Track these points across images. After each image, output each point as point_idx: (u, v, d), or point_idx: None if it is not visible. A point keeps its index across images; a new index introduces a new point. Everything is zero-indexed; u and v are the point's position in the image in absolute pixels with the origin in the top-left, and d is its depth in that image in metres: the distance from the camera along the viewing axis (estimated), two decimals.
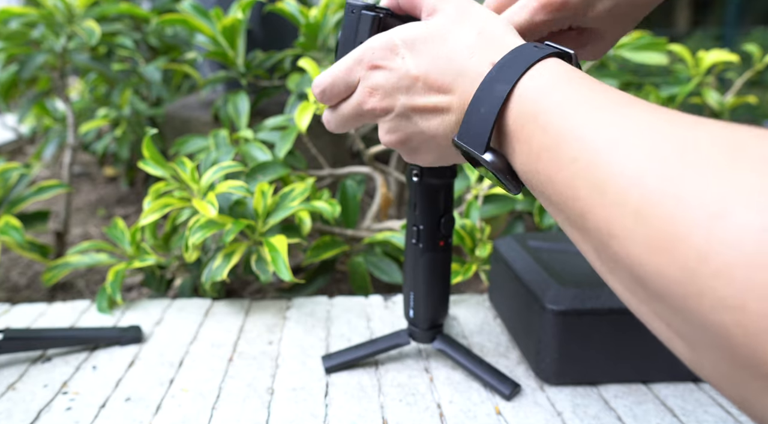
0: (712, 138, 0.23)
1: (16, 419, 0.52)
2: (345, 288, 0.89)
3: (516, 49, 0.33)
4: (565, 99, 0.30)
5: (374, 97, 0.37)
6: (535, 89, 0.31)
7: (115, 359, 0.62)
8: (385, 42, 0.36)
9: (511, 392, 0.54)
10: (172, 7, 1.30)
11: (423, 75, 0.35)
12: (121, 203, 1.33)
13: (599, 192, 0.25)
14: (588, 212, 0.26)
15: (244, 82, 1.01)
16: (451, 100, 0.35)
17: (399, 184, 0.98)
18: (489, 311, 0.72)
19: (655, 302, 0.24)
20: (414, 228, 0.52)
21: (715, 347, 0.21)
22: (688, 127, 0.24)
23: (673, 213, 0.22)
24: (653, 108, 0.27)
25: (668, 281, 0.22)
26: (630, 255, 0.24)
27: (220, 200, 0.73)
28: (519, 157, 0.32)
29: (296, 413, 0.53)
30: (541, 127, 0.30)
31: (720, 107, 1.10)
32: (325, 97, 0.40)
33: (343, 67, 0.39)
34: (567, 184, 0.28)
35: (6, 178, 0.83)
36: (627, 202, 0.24)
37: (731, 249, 0.19)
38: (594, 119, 0.27)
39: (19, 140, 1.78)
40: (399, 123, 0.38)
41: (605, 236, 0.25)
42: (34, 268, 1.02)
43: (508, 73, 0.32)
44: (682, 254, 0.21)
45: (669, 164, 0.23)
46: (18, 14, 0.98)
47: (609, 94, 0.29)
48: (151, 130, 0.74)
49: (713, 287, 0.20)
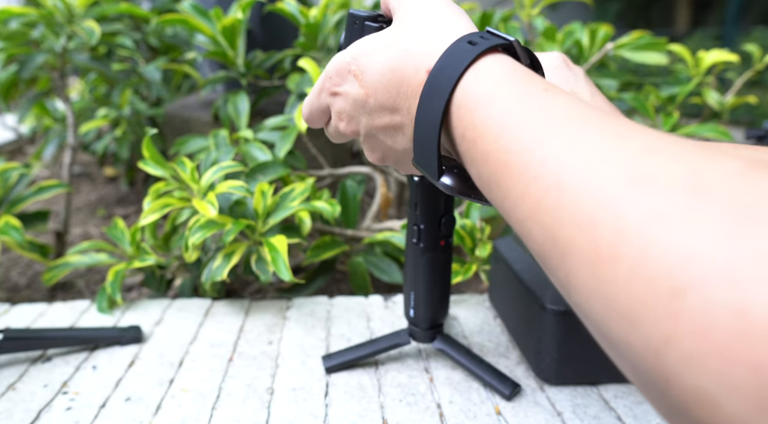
0: (673, 175, 0.19)
1: (16, 419, 0.52)
2: (345, 288, 0.89)
3: (448, 50, 0.29)
4: (504, 117, 0.26)
5: (343, 122, 0.37)
6: (470, 107, 0.28)
7: (115, 359, 0.62)
8: (338, 65, 0.35)
9: (511, 392, 0.54)
10: (172, 7, 1.30)
11: (371, 94, 0.33)
12: (121, 203, 1.33)
13: (552, 240, 0.22)
14: (546, 257, 0.23)
15: (244, 82, 1.01)
16: (402, 118, 0.33)
17: (399, 184, 0.98)
18: (489, 311, 0.72)
19: (624, 365, 0.21)
20: (415, 228, 0.52)
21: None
22: (645, 157, 0.20)
23: (631, 276, 0.18)
24: (605, 126, 0.23)
25: (633, 353, 0.19)
26: (591, 313, 0.21)
27: (220, 200, 0.73)
28: (474, 181, 0.29)
29: (296, 413, 0.53)
30: (483, 155, 0.27)
31: (720, 107, 1.10)
32: (313, 123, 0.40)
33: (313, 95, 0.38)
34: (520, 223, 0.25)
35: (6, 178, 0.83)
36: (581, 257, 0.21)
37: (700, 334, 0.16)
38: (537, 146, 0.24)
39: (19, 140, 1.78)
40: (371, 142, 0.37)
41: (566, 288, 0.22)
42: (34, 268, 1.02)
43: (442, 83, 0.29)
44: (645, 329, 0.18)
45: (623, 213, 0.19)
46: (18, 14, 0.98)
47: (554, 106, 0.25)
48: (151, 130, 0.74)
49: (681, 375, 0.17)
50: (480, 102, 0.27)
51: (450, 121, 0.29)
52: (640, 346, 0.18)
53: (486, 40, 0.29)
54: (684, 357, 0.16)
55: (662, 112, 1.04)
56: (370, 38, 0.34)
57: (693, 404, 0.17)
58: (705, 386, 0.16)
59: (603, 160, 0.21)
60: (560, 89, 0.26)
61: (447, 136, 0.30)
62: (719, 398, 0.16)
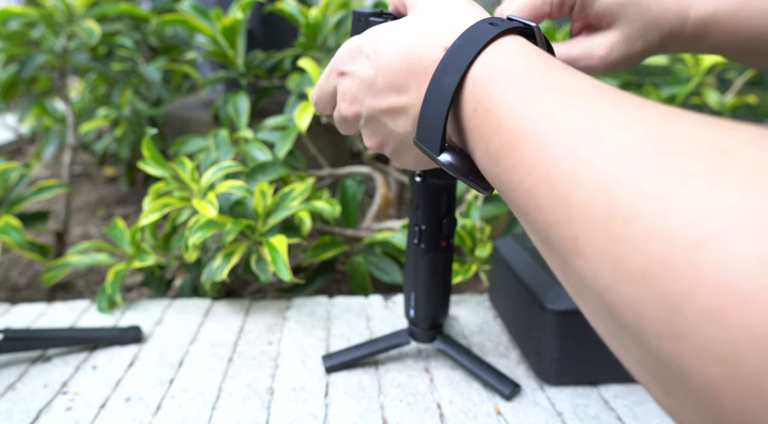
0: (694, 138, 0.19)
1: (16, 419, 0.52)
2: (345, 288, 0.89)
3: (469, 29, 0.30)
4: (522, 89, 0.26)
5: (345, 102, 0.36)
6: (487, 79, 0.28)
7: (115, 359, 0.62)
8: (352, 46, 0.35)
9: (511, 392, 0.54)
10: (172, 7, 1.30)
11: (380, 74, 0.33)
12: (121, 203, 1.33)
13: (563, 204, 0.22)
14: (551, 227, 0.23)
15: (244, 82, 1.01)
16: (409, 99, 0.33)
17: (399, 184, 0.98)
18: (489, 311, 0.72)
19: (628, 337, 0.20)
20: (416, 228, 0.52)
21: (698, 404, 0.17)
22: (665, 123, 0.20)
23: (648, 234, 0.18)
24: (622, 98, 0.23)
25: (642, 315, 0.18)
26: (598, 279, 0.20)
27: (220, 200, 0.73)
28: (478, 158, 0.29)
29: (296, 413, 0.53)
30: (496, 125, 0.27)
31: (720, 107, 1.10)
32: (320, 108, 0.41)
33: (323, 77, 0.38)
34: (527, 193, 0.24)
35: (6, 178, 0.83)
36: (593, 219, 0.20)
37: (722, 284, 0.16)
38: (554, 115, 0.24)
39: (19, 140, 1.78)
40: (371, 126, 0.36)
41: (570, 255, 0.22)
42: (34, 268, 1.02)
43: (458, 59, 0.29)
44: (660, 285, 0.17)
45: (642, 173, 0.19)
46: (18, 14, 0.98)
47: (572, 81, 0.25)
48: (151, 130, 0.74)
49: (697, 330, 0.16)
50: (498, 75, 0.27)
51: (461, 96, 0.29)
52: (652, 305, 0.18)
53: (506, 23, 0.30)
54: (703, 310, 0.16)
55: None
56: (388, 24, 0.34)
57: (709, 361, 0.16)
58: (724, 338, 0.16)
59: (622, 126, 0.21)
60: (577, 70, 0.27)
61: (454, 114, 0.31)
62: (739, 349, 0.15)
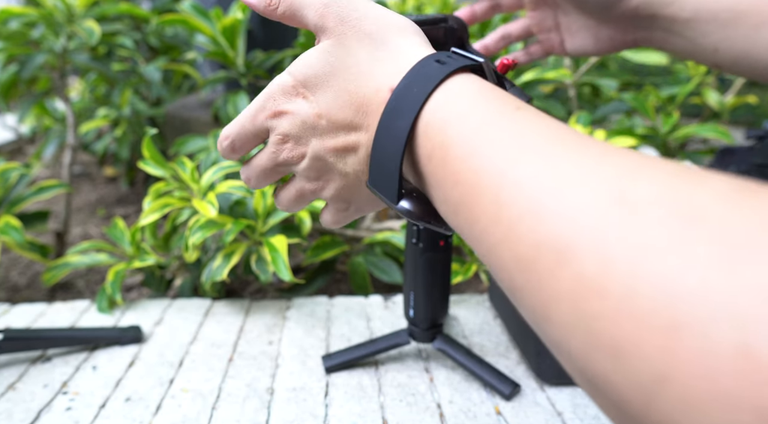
0: (656, 196, 0.18)
1: (16, 419, 0.52)
2: (345, 288, 0.89)
3: (415, 67, 0.28)
4: (477, 137, 0.24)
5: (287, 144, 0.33)
6: (439, 125, 0.26)
7: (115, 359, 0.62)
8: (282, 83, 0.32)
9: (511, 392, 0.54)
10: (172, 7, 1.30)
11: (324, 112, 0.31)
12: (121, 203, 1.33)
13: (528, 271, 0.20)
14: (518, 290, 0.21)
15: (244, 82, 1.01)
16: (358, 138, 0.31)
17: None
18: (489, 311, 0.72)
19: (610, 408, 0.19)
20: (414, 228, 0.52)
21: None
22: (623, 174, 0.19)
23: (618, 313, 0.17)
24: (581, 148, 0.21)
25: (618, 392, 0.17)
26: (570, 348, 0.19)
27: (220, 200, 0.73)
28: (437, 205, 0.27)
29: (296, 413, 0.53)
30: (452, 176, 0.25)
31: (720, 107, 1.10)
32: (236, 148, 0.36)
33: (248, 115, 0.34)
34: (490, 249, 0.23)
35: (6, 178, 0.83)
36: (562, 288, 0.19)
37: (700, 378, 0.15)
38: (510, 169, 0.22)
39: (19, 140, 1.78)
40: (317, 166, 0.33)
41: (541, 320, 0.21)
42: (34, 268, 1.02)
43: (408, 103, 0.27)
44: (634, 367, 0.16)
45: (607, 241, 0.18)
46: (18, 14, 0.98)
47: (528, 126, 0.24)
48: (151, 130, 0.74)
49: (677, 420, 0.15)
50: (450, 121, 0.26)
51: (415, 140, 0.28)
52: (628, 385, 0.17)
53: (455, 60, 0.28)
54: (681, 399, 0.15)
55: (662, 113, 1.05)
56: (314, 57, 0.31)
57: None
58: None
59: (582, 182, 0.20)
60: (533, 109, 0.25)
61: (409, 157, 0.29)
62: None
